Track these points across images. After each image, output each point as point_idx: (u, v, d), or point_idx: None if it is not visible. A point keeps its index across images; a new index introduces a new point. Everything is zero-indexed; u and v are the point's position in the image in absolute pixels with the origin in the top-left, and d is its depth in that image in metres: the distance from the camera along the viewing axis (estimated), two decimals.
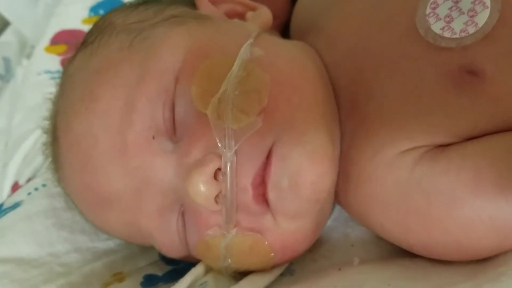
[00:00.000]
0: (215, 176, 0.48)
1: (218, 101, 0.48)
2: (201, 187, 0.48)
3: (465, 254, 0.48)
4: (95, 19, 0.83)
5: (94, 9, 0.97)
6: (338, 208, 0.62)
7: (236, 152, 0.47)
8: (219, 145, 0.47)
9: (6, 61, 1.17)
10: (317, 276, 0.55)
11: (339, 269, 0.55)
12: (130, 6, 0.64)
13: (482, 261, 0.48)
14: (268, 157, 0.48)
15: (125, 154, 0.51)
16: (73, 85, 0.56)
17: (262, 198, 0.49)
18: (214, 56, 0.51)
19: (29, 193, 0.70)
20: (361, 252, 0.58)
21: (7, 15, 1.25)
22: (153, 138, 0.50)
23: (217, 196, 0.49)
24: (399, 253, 0.55)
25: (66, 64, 0.62)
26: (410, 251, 0.52)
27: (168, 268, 0.65)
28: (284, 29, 0.73)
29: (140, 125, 0.50)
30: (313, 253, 0.60)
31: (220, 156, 0.48)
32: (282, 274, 0.58)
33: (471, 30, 0.46)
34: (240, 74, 0.49)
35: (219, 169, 0.48)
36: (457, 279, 0.47)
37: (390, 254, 0.57)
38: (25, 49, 1.14)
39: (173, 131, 0.51)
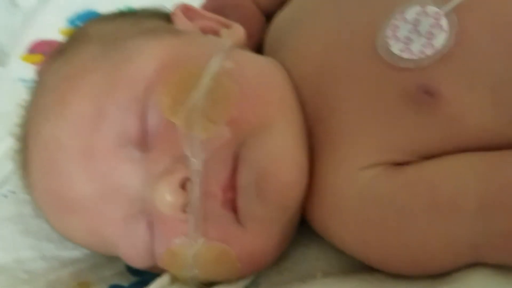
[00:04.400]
0: (183, 186, 0.49)
1: (187, 111, 0.49)
2: (168, 197, 0.49)
3: (420, 269, 0.50)
4: (72, 30, 0.84)
5: (71, 21, 0.98)
6: (303, 222, 0.64)
7: (204, 161, 0.49)
8: (188, 154, 0.49)
9: None
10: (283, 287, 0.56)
11: (303, 281, 0.56)
12: (108, 17, 0.66)
13: (437, 277, 0.49)
14: (236, 163, 0.50)
15: (91, 160, 0.51)
16: (45, 91, 0.57)
17: (231, 204, 0.50)
18: (185, 67, 0.52)
19: None
20: (324, 266, 0.59)
21: None
22: (121, 146, 0.51)
23: (184, 205, 0.50)
24: (360, 268, 0.56)
25: (39, 71, 0.63)
26: (370, 266, 0.54)
27: (134, 279, 0.65)
28: (258, 49, 0.75)
29: (108, 132, 0.51)
30: (279, 266, 0.60)
31: (187, 166, 0.49)
32: (247, 287, 0.58)
33: (429, 52, 0.48)
34: (209, 85, 0.50)
35: (187, 178, 0.49)
36: None
37: (351, 268, 0.58)
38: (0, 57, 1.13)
39: (143, 140, 0.51)
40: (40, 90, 0.59)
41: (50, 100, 0.55)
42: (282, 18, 0.70)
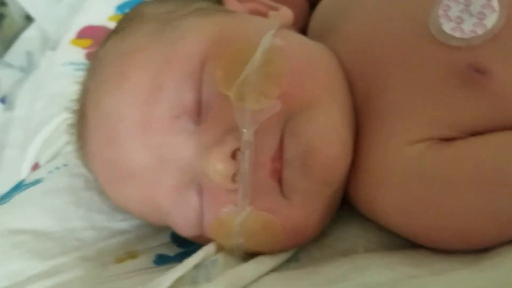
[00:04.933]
0: (234, 156, 0.51)
1: (241, 84, 0.51)
2: (219, 166, 0.51)
3: (464, 242, 0.50)
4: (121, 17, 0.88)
5: (120, 8, 1.02)
6: (343, 201, 0.65)
7: (254, 132, 0.51)
8: (239, 125, 0.51)
9: (29, 54, 1.22)
10: (323, 262, 0.57)
11: (345, 255, 0.57)
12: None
13: (482, 251, 0.50)
14: (283, 136, 0.52)
15: (148, 131, 0.54)
16: (104, 66, 0.60)
17: (278, 174, 0.52)
18: (238, 43, 0.54)
19: (50, 172, 0.73)
20: (364, 243, 0.59)
21: (32, 12, 1.30)
22: (177, 117, 0.54)
23: (234, 175, 0.52)
24: (401, 246, 0.57)
25: (97, 49, 0.66)
26: (413, 241, 0.54)
27: (179, 250, 0.67)
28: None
29: (165, 104, 0.54)
30: (319, 242, 0.62)
31: (238, 137, 0.51)
32: (288, 260, 0.60)
33: (480, 31, 0.49)
34: (261, 60, 0.52)
35: (237, 149, 0.51)
36: (457, 266, 0.49)
37: (392, 246, 0.59)
38: (48, 44, 1.19)
39: (197, 112, 0.54)
40: (99, 66, 0.62)
41: (109, 75, 0.58)
42: (327, 3, 0.72)
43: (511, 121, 0.49)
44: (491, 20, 0.49)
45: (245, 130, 0.51)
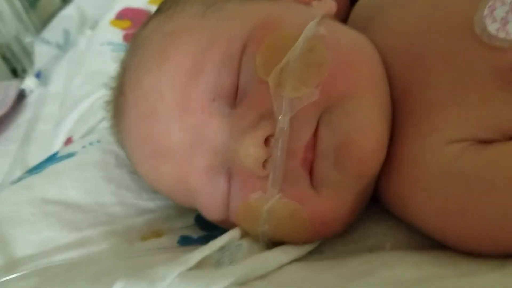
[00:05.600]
0: (267, 142, 0.52)
1: (280, 71, 0.51)
2: (252, 150, 0.51)
3: (496, 246, 0.49)
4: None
5: None
6: (372, 199, 0.65)
7: (290, 120, 0.51)
8: (275, 112, 0.51)
9: (66, 32, 1.25)
10: (348, 256, 0.57)
11: (370, 251, 0.57)
12: None
13: (507, 257, 0.49)
14: (319, 126, 0.52)
15: (186, 111, 0.55)
16: (146, 46, 0.61)
17: (310, 165, 0.52)
18: (281, 29, 0.55)
19: (83, 146, 0.75)
20: (392, 241, 0.59)
21: None
22: (213, 100, 0.54)
23: (265, 162, 0.52)
24: (429, 247, 0.57)
25: (139, 28, 0.67)
26: (442, 243, 0.54)
27: (202, 233, 0.68)
28: None
29: (204, 86, 0.54)
30: (344, 237, 0.62)
31: (273, 123, 0.51)
32: (311, 252, 0.60)
33: None
34: (303, 48, 0.52)
35: (271, 135, 0.51)
36: (484, 269, 0.49)
37: (420, 247, 0.58)
38: (85, 24, 1.21)
39: (234, 96, 0.54)
40: (141, 45, 0.63)
41: (152, 54, 0.59)
42: None
43: None
44: None
45: (281, 117, 0.51)
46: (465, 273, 0.49)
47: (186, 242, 0.65)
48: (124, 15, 1.01)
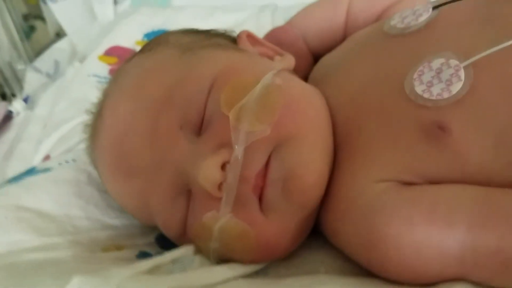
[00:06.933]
0: (223, 167, 0.59)
1: (240, 108, 0.60)
2: (209, 173, 0.58)
3: (414, 276, 0.55)
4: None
5: (147, 35, 1.13)
6: (315, 231, 0.72)
7: (245, 149, 0.58)
8: (232, 141, 0.58)
9: (57, 63, 1.33)
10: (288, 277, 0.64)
11: (307, 274, 0.64)
12: (185, 31, 0.79)
13: (427, 285, 0.55)
14: (270, 159, 0.60)
15: (156, 135, 0.62)
16: (126, 77, 0.69)
17: (260, 191, 0.60)
18: (244, 75, 0.64)
19: (59, 163, 0.81)
20: (327, 268, 0.66)
21: (65, 27, 1.42)
22: (181, 128, 0.62)
23: (220, 185, 0.59)
24: (361, 275, 0.63)
25: (123, 63, 0.75)
26: (369, 270, 0.60)
27: (161, 251, 0.74)
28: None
29: (173, 114, 0.62)
30: (288, 262, 0.67)
31: (231, 152, 0.58)
32: (257, 273, 0.65)
33: (445, 95, 0.57)
34: (261, 92, 0.61)
35: (227, 162, 0.59)
36: None
37: (353, 274, 0.65)
38: (76, 57, 1.30)
39: (199, 126, 0.62)
40: (120, 76, 0.71)
41: (130, 84, 0.67)
42: (328, 57, 0.82)
43: (467, 177, 0.56)
44: (456, 87, 0.57)
45: (237, 146, 0.58)
46: None
47: (144, 256, 0.70)
48: (112, 52, 1.10)
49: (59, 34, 1.54)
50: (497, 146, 0.55)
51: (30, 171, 0.79)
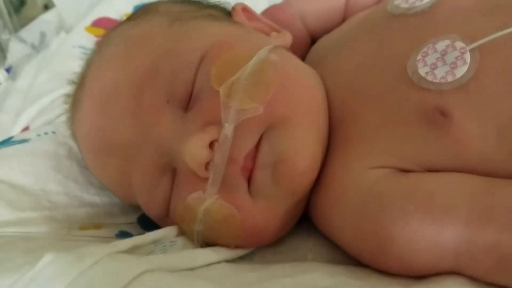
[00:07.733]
0: (211, 146, 0.55)
1: (231, 84, 0.56)
2: (196, 151, 0.55)
3: (405, 267, 0.53)
4: None
5: (137, 7, 1.08)
6: (305, 218, 0.69)
7: (235, 128, 0.54)
8: (222, 119, 0.55)
9: (42, 34, 1.28)
10: (274, 263, 0.61)
11: (294, 261, 0.61)
12: (175, 0, 0.74)
13: (419, 277, 0.53)
14: (261, 141, 0.56)
15: (140, 109, 0.58)
16: (111, 45, 0.65)
17: (249, 174, 0.56)
18: (238, 49, 0.60)
19: (38, 135, 0.77)
20: (315, 255, 0.63)
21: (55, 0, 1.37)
22: (167, 102, 0.58)
23: (207, 165, 0.56)
24: (349, 264, 0.61)
25: (107, 31, 0.71)
26: (359, 260, 0.58)
27: (142, 232, 0.70)
28: None
29: (159, 88, 0.58)
30: (275, 248, 0.65)
31: (219, 130, 0.55)
32: (241, 258, 0.63)
33: (450, 78, 0.54)
34: (254, 68, 0.57)
35: (215, 140, 0.55)
36: (393, 286, 0.53)
37: (342, 262, 0.62)
38: (62, 29, 1.24)
39: (187, 101, 0.58)
40: (105, 44, 0.67)
41: (116, 52, 0.63)
42: (326, 39, 0.78)
43: (467, 166, 0.53)
44: (461, 70, 0.54)
45: (226, 124, 0.55)
46: (373, 285, 0.53)
47: (124, 236, 0.67)
48: (100, 23, 1.05)
49: (47, 6, 1.49)
50: (500, 136, 0.52)
51: (6, 141, 0.75)
